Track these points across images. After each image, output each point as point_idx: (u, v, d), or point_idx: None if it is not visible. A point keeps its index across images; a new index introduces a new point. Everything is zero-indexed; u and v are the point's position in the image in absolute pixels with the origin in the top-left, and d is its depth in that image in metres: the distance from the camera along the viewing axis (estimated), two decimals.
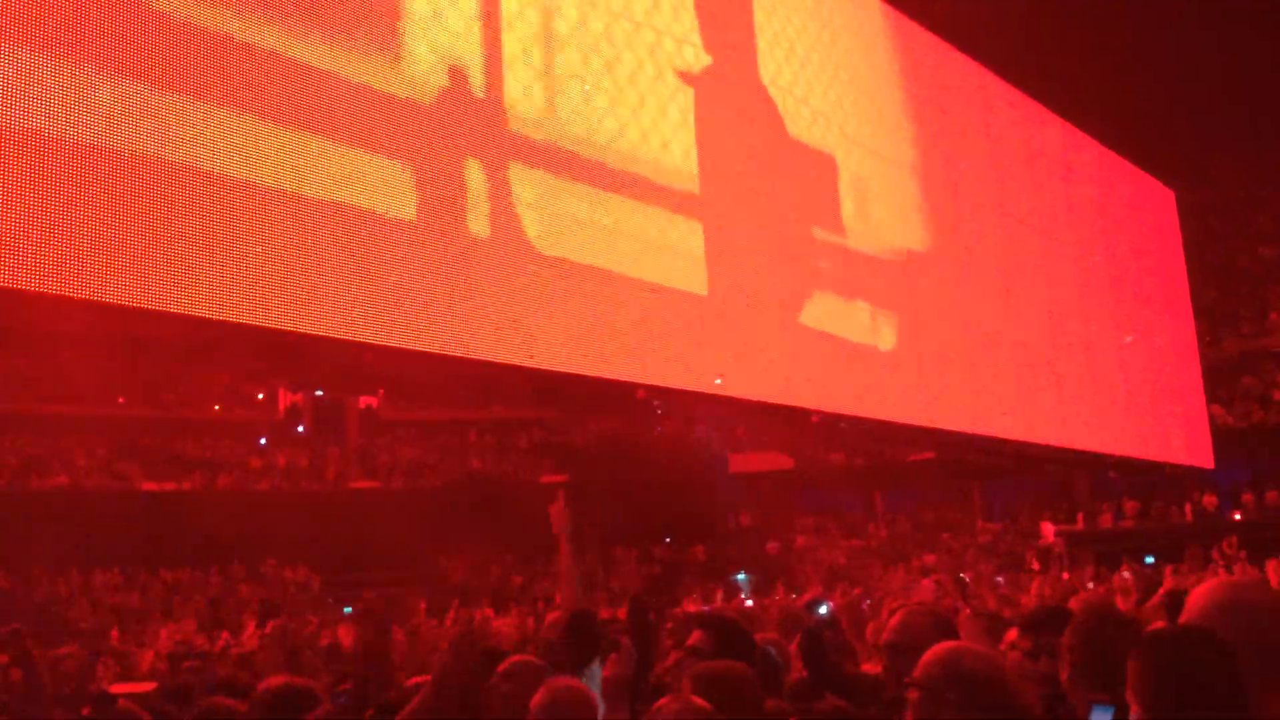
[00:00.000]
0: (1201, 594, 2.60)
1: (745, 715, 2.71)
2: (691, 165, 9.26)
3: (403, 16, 7.09)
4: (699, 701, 2.55)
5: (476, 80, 7.52)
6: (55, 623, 18.02)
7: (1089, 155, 16.21)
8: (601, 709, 3.07)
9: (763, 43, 10.17)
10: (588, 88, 8.20)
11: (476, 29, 7.55)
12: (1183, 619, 2.57)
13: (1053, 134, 15.30)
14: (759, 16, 10.21)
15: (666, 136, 8.97)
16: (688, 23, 9.44)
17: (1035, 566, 18.71)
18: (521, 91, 7.80)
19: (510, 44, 7.75)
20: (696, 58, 9.42)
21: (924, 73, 12.69)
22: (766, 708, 3.43)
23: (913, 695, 2.26)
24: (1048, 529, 23.50)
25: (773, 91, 10.33)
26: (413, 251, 7.01)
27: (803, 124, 10.67)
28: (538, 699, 2.78)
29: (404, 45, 7.08)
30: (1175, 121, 23.42)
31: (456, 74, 7.37)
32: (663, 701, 2.59)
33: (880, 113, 11.88)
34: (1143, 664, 1.97)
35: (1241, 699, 1.90)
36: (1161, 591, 8.20)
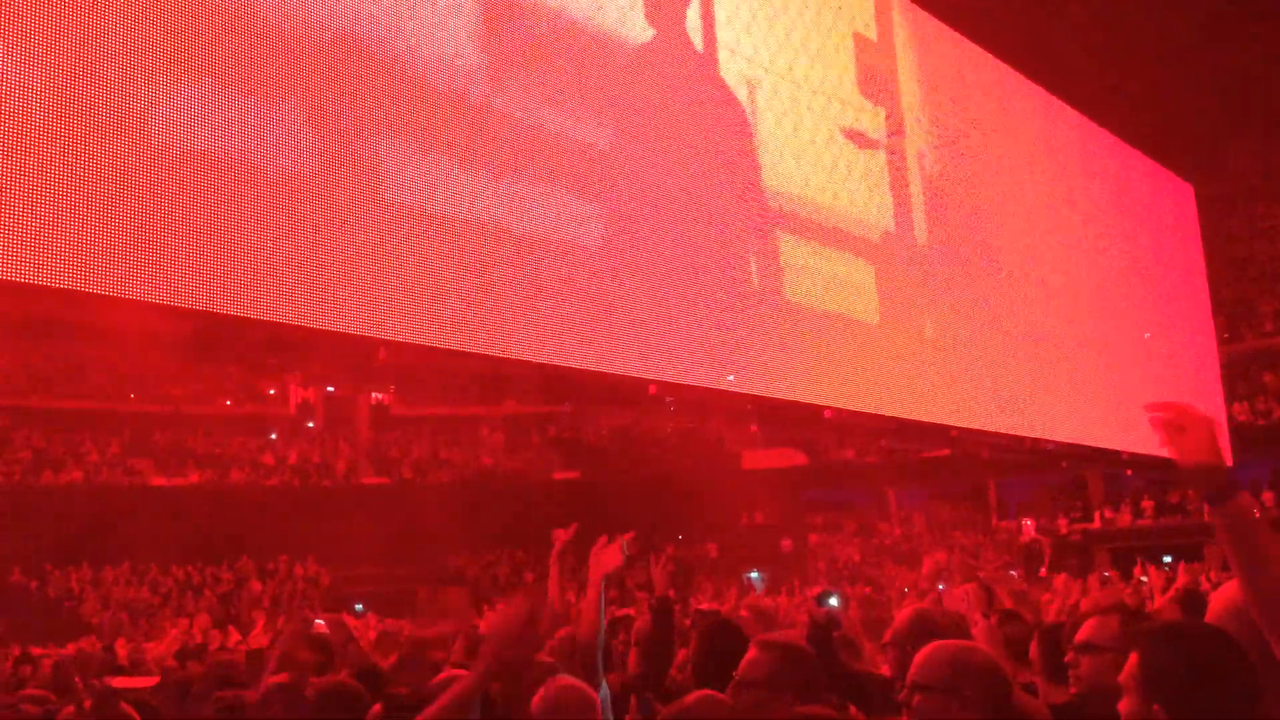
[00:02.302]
0: (1226, 593, 2.54)
1: None
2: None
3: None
4: (720, 697, 2.52)
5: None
6: (66, 618, 18.06)
7: (1106, 149, 16.02)
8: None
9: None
10: None
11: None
12: (1208, 618, 2.51)
13: (1069, 128, 15.12)
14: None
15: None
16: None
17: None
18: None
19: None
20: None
21: (939, 66, 12.54)
22: None
23: (916, 699, 2.22)
24: (1028, 526, 23.38)
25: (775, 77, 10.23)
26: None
27: (817, 113, 10.56)
28: (539, 698, 2.70)
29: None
30: (1194, 115, 23.18)
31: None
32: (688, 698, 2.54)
33: (891, 106, 11.74)
34: (1160, 657, 1.92)
35: (1257, 698, 1.87)
36: (1174, 589, 8.06)
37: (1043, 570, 18.87)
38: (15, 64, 5.18)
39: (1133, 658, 1.97)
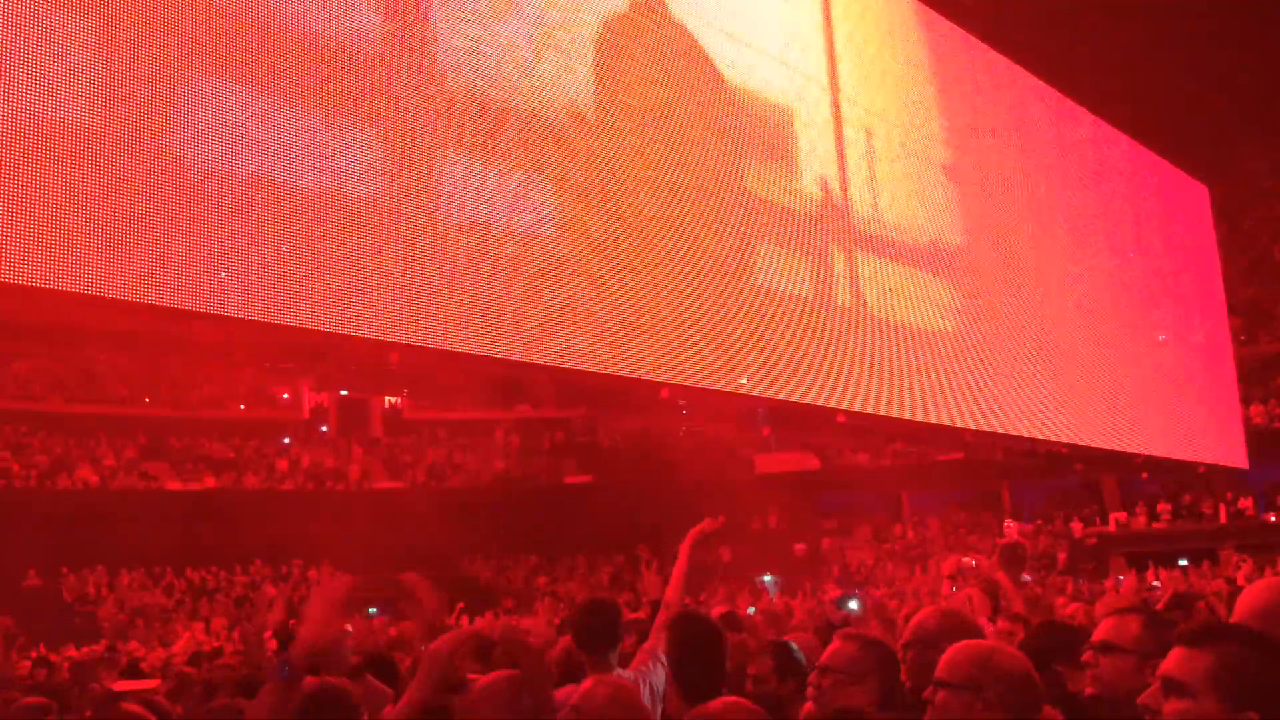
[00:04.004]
0: (1253, 594, 2.51)
1: None
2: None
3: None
4: (745, 702, 2.49)
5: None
6: (81, 621, 18.13)
7: (1121, 151, 15.96)
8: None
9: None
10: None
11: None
12: (1234, 618, 2.47)
13: (1084, 130, 15.07)
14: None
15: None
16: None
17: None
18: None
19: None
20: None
21: (954, 68, 12.52)
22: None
23: (940, 696, 2.19)
24: (1010, 527, 23.16)
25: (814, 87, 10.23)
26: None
27: (823, 115, 10.56)
28: (579, 695, 2.68)
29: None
30: (1209, 117, 23.07)
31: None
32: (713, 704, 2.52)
33: (910, 109, 11.72)
34: (1257, 664, 1.84)
35: None
36: (1169, 593, 8.07)
37: (1025, 574, 18.67)
38: (56, 70, 5.22)
39: (1198, 657, 1.87)
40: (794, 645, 3.84)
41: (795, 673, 3.61)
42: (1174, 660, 1.89)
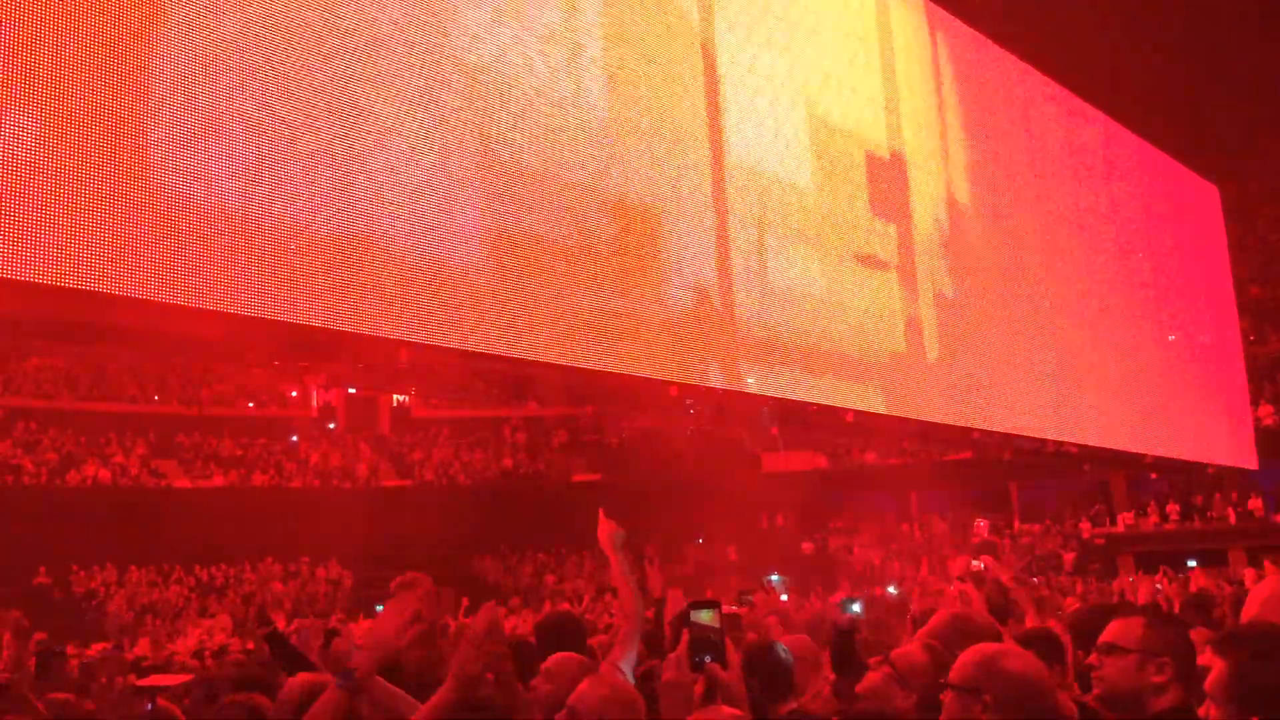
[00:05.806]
0: (1266, 591, 2.52)
1: None
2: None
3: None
4: (730, 710, 2.47)
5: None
6: (91, 618, 18.20)
7: (1131, 151, 15.92)
8: None
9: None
10: None
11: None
12: (1245, 617, 2.49)
13: (1094, 129, 15.03)
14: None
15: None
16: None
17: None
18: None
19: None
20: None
21: (964, 67, 12.50)
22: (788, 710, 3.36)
23: (947, 697, 2.21)
24: (982, 526, 23.11)
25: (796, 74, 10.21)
26: None
27: (838, 114, 10.54)
28: (577, 694, 2.66)
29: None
30: (1218, 116, 23.02)
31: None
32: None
33: (919, 107, 11.70)
34: (1259, 669, 1.86)
35: None
36: (1179, 596, 8.05)
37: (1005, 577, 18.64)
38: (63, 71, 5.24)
39: (1221, 665, 1.92)
40: (781, 646, 3.77)
41: (775, 674, 3.56)
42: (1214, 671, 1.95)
